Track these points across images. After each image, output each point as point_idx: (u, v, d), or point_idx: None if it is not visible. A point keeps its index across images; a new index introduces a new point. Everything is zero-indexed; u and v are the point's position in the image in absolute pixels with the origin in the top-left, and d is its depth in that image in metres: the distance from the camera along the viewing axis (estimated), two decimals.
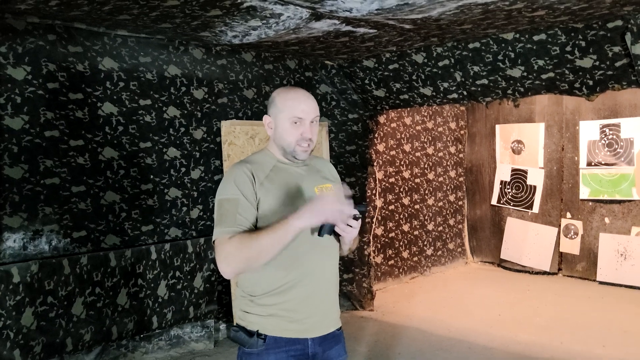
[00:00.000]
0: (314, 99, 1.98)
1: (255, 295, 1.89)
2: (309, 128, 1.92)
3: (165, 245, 4.11)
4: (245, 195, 1.84)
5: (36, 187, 3.54)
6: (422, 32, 3.90)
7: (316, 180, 2.00)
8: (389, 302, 5.70)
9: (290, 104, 1.92)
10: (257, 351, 1.85)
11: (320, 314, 1.92)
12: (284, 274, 1.86)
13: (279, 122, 1.93)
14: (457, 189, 7.46)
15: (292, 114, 1.91)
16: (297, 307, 1.87)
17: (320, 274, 1.92)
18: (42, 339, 3.49)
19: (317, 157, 2.15)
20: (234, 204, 1.84)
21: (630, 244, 6.09)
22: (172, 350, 4.29)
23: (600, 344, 4.44)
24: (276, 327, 1.86)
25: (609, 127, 6.24)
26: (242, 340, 1.87)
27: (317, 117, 1.96)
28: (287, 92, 1.98)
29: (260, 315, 1.87)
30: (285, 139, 1.93)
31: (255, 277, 1.89)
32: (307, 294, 1.88)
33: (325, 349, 1.93)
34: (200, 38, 4.03)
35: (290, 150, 1.94)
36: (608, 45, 3.69)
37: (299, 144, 1.92)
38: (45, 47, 3.54)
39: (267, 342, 1.85)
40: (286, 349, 1.86)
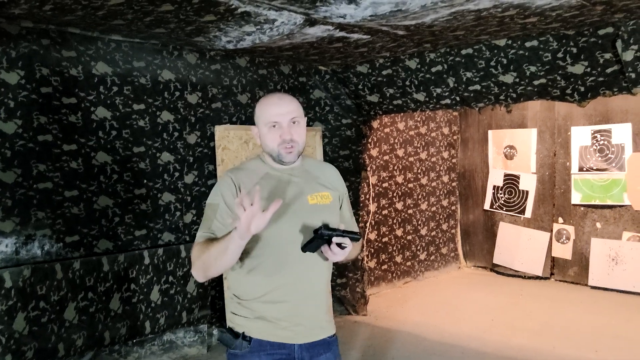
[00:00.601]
0: (291, 99, 1.97)
1: (242, 299, 1.92)
2: (287, 129, 1.91)
3: (158, 250, 4.10)
4: (226, 202, 1.87)
5: (29, 191, 3.52)
6: (416, 38, 3.93)
7: (310, 188, 1.98)
8: (382, 307, 5.71)
9: (265, 109, 1.95)
10: (242, 353, 1.87)
11: (306, 322, 1.92)
12: (269, 281, 1.88)
13: (260, 130, 1.96)
14: (450, 193, 7.49)
15: (267, 119, 1.92)
16: (281, 315, 1.88)
17: (306, 283, 1.91)
18: (34, 344, 3.47)
19: (320, 163, 2.15)
20: (214, 209, 1.89)
21: (622, 248, 6.13)
22: (165, 355, 4.27)
23: (592, 349, 4.47)
24: (262, 330, 1.88)
25: (600, 133, 6.29)
26: (228, 341, 1.90)
27: (298, 117, 1.94)
28: (263, 99, 2.01)
29: (246, 318, 1.90)
30: (268, 144, 1.94)
31: (242, 282, 1.92)
32: (292, 303, 1.88)
33: (313, 355, 1.92)
34: (195, 43, 4.04)
35: (275, 155, 1.94)
36: (599, 51, 3.73)
37: (282, 146, 1.92)
38: (39, 52, 3.54)
39: (252, 344, 1.87)
40: (271, 353, 1.87)
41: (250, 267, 1.90)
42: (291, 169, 1.99)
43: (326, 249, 1.84)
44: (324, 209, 1.97)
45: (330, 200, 2.01)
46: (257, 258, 1.89)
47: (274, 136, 1.92)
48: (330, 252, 1.84)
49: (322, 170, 2.09)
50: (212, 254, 1.77)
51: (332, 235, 1.81)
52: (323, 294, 1.99)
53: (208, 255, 1.78)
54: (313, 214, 1.92)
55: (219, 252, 1.75)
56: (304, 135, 1.98)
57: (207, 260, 1.79)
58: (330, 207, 2.00)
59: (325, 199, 2.00)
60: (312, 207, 1.95)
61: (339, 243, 1.82)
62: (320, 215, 1.93)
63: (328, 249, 1.84)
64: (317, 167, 2.10)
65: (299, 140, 1.94)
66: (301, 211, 1.92)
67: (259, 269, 1.88)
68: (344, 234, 1.82)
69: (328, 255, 1.85)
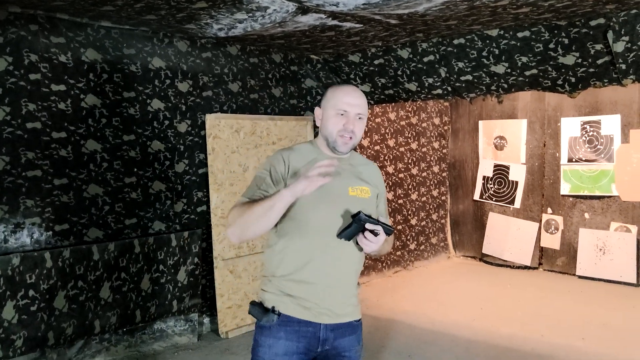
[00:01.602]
0: (363, 95, 2.04)
1: (273, 277, 1.99)
2: (353, 120, 1.98)
3: (149, 239, 4.08)
4: (272, 175, 1.96)
5: (17, 179, 3.49)
6: (408, 27, 3.92)
7: (352, 181, 2.04)
8: (372, 296, 5.73)
9: (338, 95, 2.00)
10: (269, 325, 1.94)
11: (333, 305, 1.96)
12: (300, 261, 1.94)
13: (325, 112, 2.01)
14: (440, 184, 7.52)
15: (337, 105, 1.98)
16: (308, 294, 1.94)
17: (336, 268, 1.96)
18: (24, 332, 3.45)
19: (365, 160, 2.19)
20: (260, 180, 1.97)
21: (609, 239, 6.19)
22: (156, 344, 4.27)
23: (579, 337, 4.52)
24: (289, 307, 1.94)
25: (589, 124, 6.34)
26: (257, 314, 1.96)
27: (364, 114, 2.01)
28: (338, 86, 2.06)
29: (275, 294, 1.97)
30: (328, 128, 2.00)
31: (275, 259, 1.99)
32: (320, 285, 1.94)
33: (337, 336, 1.98)
34: (185, 30, 4.00)
35: (332, 141, 1.99)
36: (590, 42, 3.74)
37: (341, 134, 1.97)
38: (27, 38, 3.49)
39: (280, 318, 1.93)
40: (297, 329, 1.93)
41: (284, 245, 1.96)
42: (339, 159, 2.02)
43: (360, 237, 1.88)
44: (362, 201, 2.02)
45: (369, 195, 2.06)
46: (292, 236, 1.95)
47: (337, 122, 1.98)
48: (364, 240, 1.88)
49: (366, 167, 2.15)
50: (256, 211, 1.82)
51: (367, 221, 1.85)
52: (351, 282, 2.03)
53: (250, 213, 1.83)
54: (351, 204, 1.97)
55: (264, 209, 1.81)
56: (362, 132, 2.05)
57: (248, 219, 1.84)
58: (368, 202, 2.05)
59: (365, 194, 2.05)
60: (352, 198, 2.01)
61: (372, 230, 1.86)
62: (357, 206, 1.97)
63: (362, 237, 1.88)
64: (362, 163, 2.15)
65: (358, 135, 2.01)
66: (341, 199, 1.97)
67: (293, 248, 1.95)
68: (378, 222, 1.87)
69: (362, 243, 1.89)
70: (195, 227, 4.40)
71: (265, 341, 1.94)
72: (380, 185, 2.17)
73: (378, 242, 1.89)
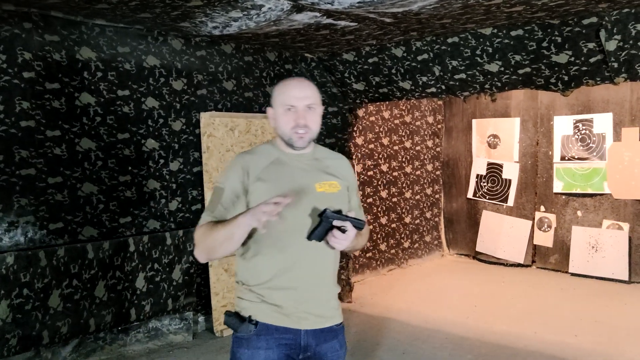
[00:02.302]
0: (310, 84, 1.96)
1: (248, 285, 1.92)
2: (302, 114, 1.89)
3: (143, 238, 4.08)
4: (231, 187, 1.88)
5: (11, 177, 3.48)
6: (402, 26, 3.93)
7: (318, 176, 1.97)
8: (367, 294, 5.75)
9: (283, 91, 1.93)
10: (248, 336, 1.86)
11: (313, 309, 1.91)
12: (274, 267, 1.87)
13: (276, 111, 1.94)
14: (434, 182, 7.54)
15: (283, 101, 1.91)
16: (287, 301, 1.87)
17: (312, 270, 1.91)
18: (18, 331, 3.44)
19: (331, 153, 2.12)
20: (219, 193, 1.90)
21: (601, 236, 6.24)
22: (151, 342, 4.26)
23: (572, 334, 4.56)
24: (267, 315, 1.87)
25: (582, 123, 6.38)
26: (234, 324, 1.89)
27: (314, 103, 1.93)
28: (283, 82, 1.99)
29: (252, 302, 1.89)
30: (281, 127, 1.93)
31: (248, 267, 1.92)
32: (298, 289, 1.88)
33: (319, 342, 1.91)
34: (180, 29, 4.00)
35: (287, 139, 1.92)
36: (583, 41, 3.77)
37: (295, 131, 1.89)
38: (21, 36, 3.48)
39: (258, 327, 1.86)
40: (277, 336, 1.86)
41: (255, 252, 1.90)
42: (301, 155, 1.97)
43: (329, 235, 1.84)
44: (331, 197, 1.95)
45: (338, 189, 1.98)
46: (263, 243, 1.88)
47: (288, 119, 1.90)
48: (333, 238, 1.83)
49: (333, 160, 2.07)
50: (217, 238, 1.79)
51: (334, 218, 1.81)
52: (330, 282, 1.98)
53: (213, 239, 1.81)
54: (320, 202, 1.90)
55: (225, 236, 1.78)
56: (319, 122, 1.96)
57: (212, 244, 1.81)
58: (338, 196, 1.98)
59: (333, 188, 1.97)
60: (320, 194, 1.93)
61: (340, 227, 1.82)
62: (327, 203, 1.91)
63: (331, 235, 1.83)
64: (328, 156, 2.07)
65: (313, 127, 1.93)
66: (308, 198, 1.90)
67: (265, 255, 1.88)
68: (346, 218, 1.82)
69: (331, 241, 1.84)
70: (190, 226, 4.39)
71: (244, 353, 1.86)
72: (350, 177, 2.09)
73: (348, 239, 1.84)
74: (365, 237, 2.12)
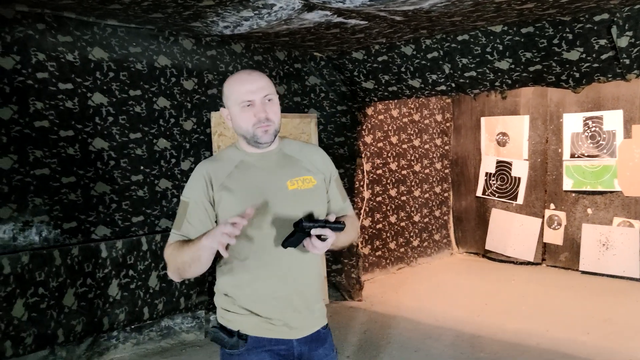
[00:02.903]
0: (262, 74, 1.83)
1: (231, 297, 1.81)
2: (262, 107, 1.77)
3: (156, 237, 4.11)
4: (196, 200, 1.77)
5: (26, 177, 3.51)
6: (412, 24, 3.93)
7: (291, 173, 1.85)
8: (377, 293, 5.75)
9: (235, 87, 1.80)
10: (239, 352, 1.75)
11: (298, 315, 1.81)
12: (253, 278, 1.77)
13: (232, 110, 1.81)
14: (443, 180, 7.54)
15: (238, 98, 1.78)
16: (273, 311, 1.77)
17: (293, 276, 1.80)
18: (33, 330, 3.47)
19: (301, 145, 1.98)
20: (184, 207, 1.79)
21: (612, 234, 6.21)
22: (163, 341, 4.29)
23: (584, 332, 4.54)
24: (256, 326, 1.77)
25: (592, 120, 6.35)
26: (222, 340, 1.77)
27: (271, 94, 1.80)
28: (232, 77, 1.84)
29: (239, 314, 1.78)
30: (242, 126, 1.79)
31: (228, 279, 1.82)
32: (282, 298, 1.78)
33: (312, 349, 1.84)
34: (191, 28, 4.02)
35: (250, 137, 1.79)
36: (594, 38, 3.76)
37: (257, 126, 1.77)
38: (35, 37, 3.51)
39: (248, 342, 1.76)
40: (269, 349, 1.76)
41: (233, 264, 1.80)
42: (268, 153, 1.85)
43: (307, 242, 1.69)
44: (305, 194, 1.83)
45: (313, 184, 1.85)
46: (239, 255, 1.78)
47: (247, 116, 1.77)
48: (310, 246, 1.69)
49: (304, 153, 1.93)
50: (184, 260, 1.71)
51: (311, 228, 1.67)
52: (314, 286, 1.88)
53: (182, 261, 1.72)
54: (294, 201, 1.80)
55: (191, 259, 1.69)
56: (279, 113, 1.84)
57: (181, 266, 1.73)
58: (314, 192, 1.86)
59: (307, 183, 1.85)
60: (292, 193, 1.81)
61: (319, 235, 1.68)
62: (301, 201, 1.80)
63: (309, 242, 1.69)
64: (298, 149, 1.93)
65: (275, 119, 1.80)
66: (280, 199, 1.78)
67: (243, 266, 1.78)
68: (325, 225, 1.67)
69: (309, 249, 1.70)
70: None
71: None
72: (327, 168, 1.94)
73: (327, 245, 1.70)
74: (354, 232, 1.98)
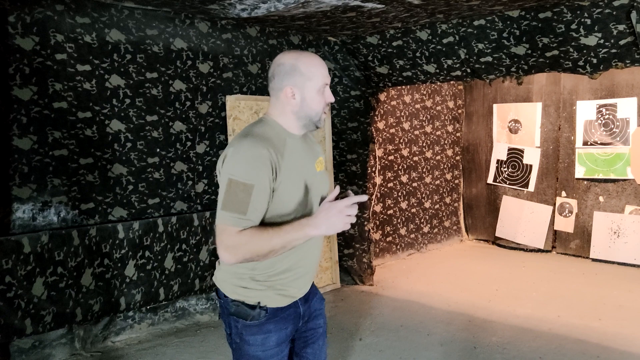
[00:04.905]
0: None
1: (253, 269, 1.85)
2: (330, 92, 1.88)
3: (172, 219, 4.14)
4: (262, 182, 1.70)
5: (45, 158, 3.54)
6: (430, 8, 3.91)
7: (313, 155, 1.94)
8: (387, 278, 5.79)
9: (319, 70, 1.83)
10: (259, 322, 1.83)
11: (307, 281, 1.96)
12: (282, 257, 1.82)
13: (308, 92, 1.82)
14: (454, 167, 7.53)
15: (320, 80, 1.82)
16: (292, 282, 1.88)
17: (313, 248, 1.93)
18: (53, 308, 3.53)
19: None
20: (248, 191, 1.68)
21: (624, 222, 6.21)
22: (178, 322, 4.34)
23: (596, 318, 4.56)
24: (275, 299, 1.86)
25: (605, 107, 6.32)
26: (245, 313, 1.83)
27: None
28: (309, 58, 1.84)
29: (258, 290, 1.84)
30: (314, 108, 1.83)
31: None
32: (301, 272, 1.90)
33: (309, 300, 2.00)
34: (207, 11, 4.02)
35: (316, 120, 1.85)
36: (613, 23, 3.73)
37: (324, 110, 1.87)
38: (54, 18, 3.52)
39: (268, 313, 1.85)
40: (282, 317, 1.88)
41: None
42: (300, 137, 1.91)
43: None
44: (324, 175, 1.96)
45: (324, 164, 1.99)
46: None
47: (322, 99, 1.84)
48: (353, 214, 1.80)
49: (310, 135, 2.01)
50: (274, 248, 1.69)
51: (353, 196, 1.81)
52: (319, 258, 2.04)
53: (270, 249, 1.69)
54: (321, 183, 1.91)
55: (283, 246, 1.70)
56: None
57: (266, 253, 1.69)
58: (326, 173, 1.99)
59: (321, 164, 1.95)
60: (319, 175, 1.92)
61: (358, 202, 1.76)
62: (324, 182, 1.91)
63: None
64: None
65: None
66: (314, 182, 1.87)
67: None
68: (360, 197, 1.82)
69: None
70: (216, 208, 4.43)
71: (257, 339, 1.84)
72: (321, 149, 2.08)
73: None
74: None
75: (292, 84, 1.82)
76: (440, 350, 3.92)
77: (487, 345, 4.01)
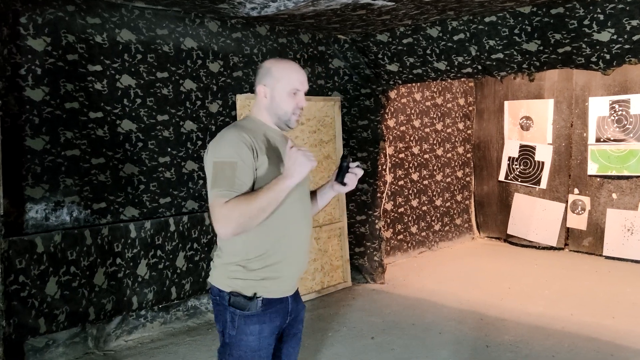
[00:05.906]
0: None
1: (247, 259, 1.93)
2: (302, 98, 2.04)
3: (183, 218, 4.16)
4: (245, 159, 1.86)
5: (57, 158, 3.56)
6: (440, 5, 3.89)
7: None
8: (399, 276, 5.77)
9: (290, 74, 2.02)
10: (256, 312, 1.92)
11: (298, 272, 2.06)
12: (273, 242, 1.94)
13: (277, 92, 2.01)
14: (465, 165, 7.50)
15: (292, 84, 2.01)
16: (284, 273, 1.98)
17: (301, 235, 2.04)
18: (66, 307, 3.55)
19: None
20: (232, 167, 1.84)
21: (637, 219, 6.14)
22: (190, 320, 4.36)
23: (609, 316, 4.52)
24: (268, 289, 1.95)
25: (618, 104, 6.26)
26: (242, 304, 1.92)
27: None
28: (283, 63, 2.07)
29: (254, 280, 1.93)
30: (283, 108, 2.02)
31: (245, 242, 1.92)
32: (291, 254, 1.99)
33: (296, 302, 2.10)
34: (217, 10, 4.02)
35: (285, 119, 2.04)
36: (626, 18, 3.69)
37: (294, 113, 2.03)
38: (65, 18, 3.54)
39: (264, 303, 1.94)
40: (274, 309, 1.97)
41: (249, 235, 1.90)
42: (278, 131, 2.09)
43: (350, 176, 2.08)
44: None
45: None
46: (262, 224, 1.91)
47: (292, 102, 2.02)
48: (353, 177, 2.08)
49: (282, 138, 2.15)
50: (262, 205, 1.80)
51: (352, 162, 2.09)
52: (309, 244, 2.14)
53: (258, 208, 1.80)
54: None
55: (269, 203, 1.82)
56: None
57: (251, 214, 1.79)
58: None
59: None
60: None
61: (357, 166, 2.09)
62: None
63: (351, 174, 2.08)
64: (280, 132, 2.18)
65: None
66: None
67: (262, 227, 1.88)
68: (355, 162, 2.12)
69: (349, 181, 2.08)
70: None
71: (254, 329, 1.92)
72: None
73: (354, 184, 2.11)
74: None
75: (264, 83, 2.03)
76: (452, 349, 3.90)
77: (499, 343, 3.99)
